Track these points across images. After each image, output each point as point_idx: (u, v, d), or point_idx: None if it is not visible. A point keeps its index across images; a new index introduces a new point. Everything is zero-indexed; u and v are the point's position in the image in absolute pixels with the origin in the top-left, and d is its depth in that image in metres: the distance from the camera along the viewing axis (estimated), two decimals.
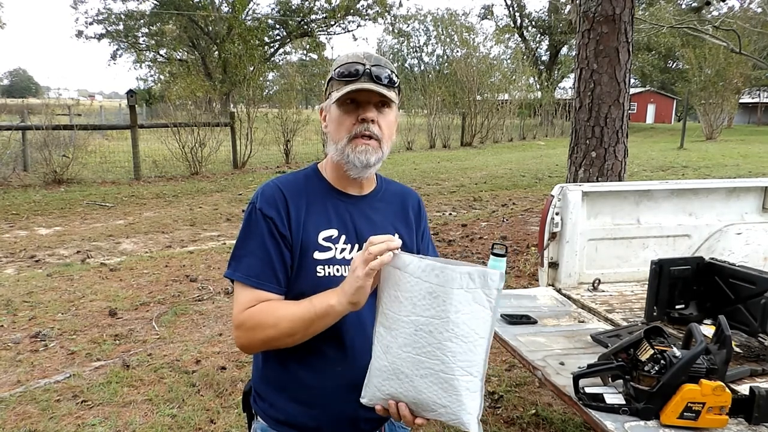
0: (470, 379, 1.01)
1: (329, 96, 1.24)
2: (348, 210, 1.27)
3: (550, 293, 2.78)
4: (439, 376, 1.00)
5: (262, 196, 1.25)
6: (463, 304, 0.99)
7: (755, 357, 1.90)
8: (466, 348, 0.99)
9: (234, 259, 1.24)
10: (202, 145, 12.17)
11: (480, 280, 1.00)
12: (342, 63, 1.23)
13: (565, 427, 2.86)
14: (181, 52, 30.35)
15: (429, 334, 1.00)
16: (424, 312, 1.00)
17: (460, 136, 21.35)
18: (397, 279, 1.04)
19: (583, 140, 4.87)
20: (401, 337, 1.02)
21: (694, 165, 14.95)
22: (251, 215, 1.24)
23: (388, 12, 32.96)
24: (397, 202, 1.37)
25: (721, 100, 24.90)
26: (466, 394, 1.00)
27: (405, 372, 1.03)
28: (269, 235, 1.21)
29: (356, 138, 1.20)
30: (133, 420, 2.87)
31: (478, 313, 1.00)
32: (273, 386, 1.29)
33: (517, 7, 40.74)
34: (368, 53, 1.24)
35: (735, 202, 3.17)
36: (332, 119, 1.24)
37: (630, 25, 4.68)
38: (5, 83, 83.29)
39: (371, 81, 1.18)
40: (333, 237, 1.24)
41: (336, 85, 1.22)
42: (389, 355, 1.04)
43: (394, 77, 1.22)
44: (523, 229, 7.31)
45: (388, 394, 1.06)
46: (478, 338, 1.00)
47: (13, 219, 7.58)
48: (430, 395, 1.01)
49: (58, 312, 4.28)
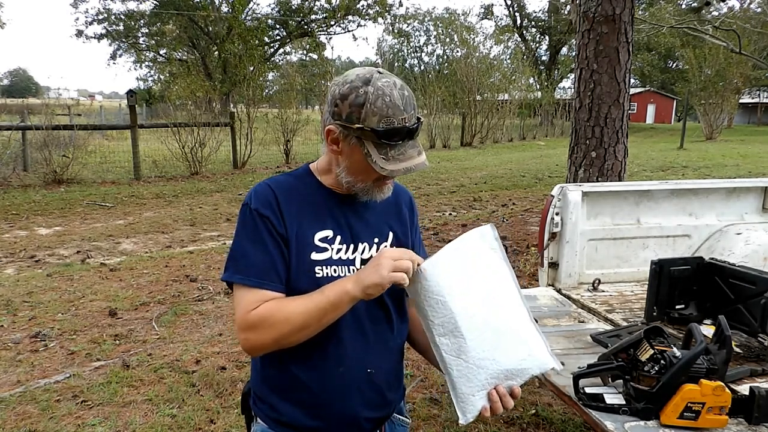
0: (527, 324, 1.11)
1: (360, 142, 1.14)
2: (342, 211, 1.26)
3: (550, 293, 2.78)
4: (511, 333, 1.09)
5: (255, 196, 1.22)
6: (485, 262, 1.09)
7: (755, 357, 1.90)
8: (510, 297, 1.09)
9: (231, 261, 1.21)
10: (202, 145, 12.17)
11: (479, 238, 1.12)
12: (383, 116, 1.11)
13: (565, 427, 2.86)
14: (181, 52, 30.33)
15: (483, 302, 1.07)
16: (467, 286, 1.08)
17: (460, 136, 21.35)
18: (428, 288, 1.10)
19: (583, 140, 4.87)
20: (466, 327, 1.08)
21: (694, 165, 14.95)
22: (246, 216, 1.22)
23: (388, 12, 32.95)
24: (391, 200, 1.35)
25: (721, 100, 24.91)
26: (533, 339, 1.10)
27: (485, 356, 1.09)
28: (267, 234, 1.19)
29: (382, 181, 1.22)
30: (133, 420, 2.87)
31: (496, 266, 1.10)
32: (273, 388, 1.27)
33: (517, 7, 40.74)
34: (402, 92, 1.14)
35: (735, 202, 3.17)
36: (356, 161, 1.18)
37: (630, 25, 4.68)
38: (5, 83, 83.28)
39: (411, 138, 1.16)
40: (329, 238, 1.22)
41: (373, 138, 1.13)
42: (465, 354, 1.09)
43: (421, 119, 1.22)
44: (523, 229, 7.31)
45: (482, 391, 1.11)
46: (510, 287, 1.11)
47: (13, 219, 7.58)
48: (513, 357, 1.10)
49: (58, 312, 4.28)
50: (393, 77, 1.17)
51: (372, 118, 1.11)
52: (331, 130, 1.18)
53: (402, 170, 1.14)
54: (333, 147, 1.20)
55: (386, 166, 1.14)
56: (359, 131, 1.13)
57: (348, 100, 1.13)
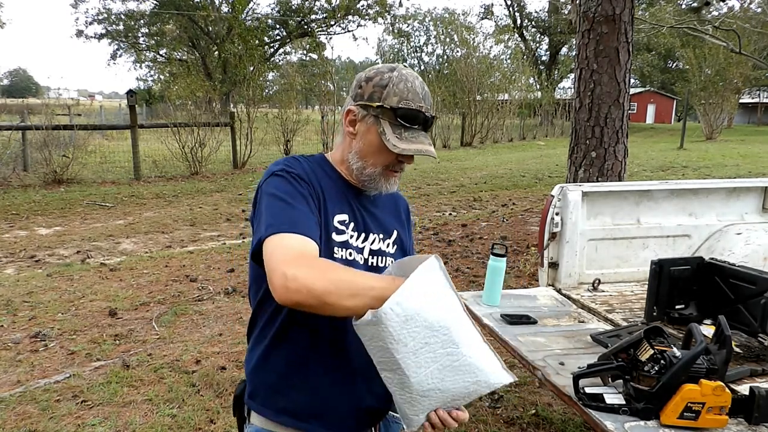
0: (476, 348, 1.07)
1: (377, 120, 1.20)
2: (357, 201, 1.28)
3: (550, 293, 2.78)
4: (455, 368, 1.05)
5: (287, 164, 1.20)
6: (430, 304, 1.02)
7: (755, 357, 1.90)
8: (457, 330, 1.04)
9: (268, 223, 1.08)
10: (202, 145, 12.17)
11: (428, 273, 1.04)
12: (403, 98, 1.19)
13: (565, 427, 2.86)
14: (181, 52, 30.34)
15: (426, 346, 1.03)
16: (411, 338, 1.02)
17: (460, 136, 21.35)
18: (371, 335, 1.05)
19: (583, 140, 4.87)
20: (408, 369, 1.05)
21: (694, 165, 14.95)
22: (282, 179, 1.16)
23: (388, 12, 32.95)
24: (391, 203, 1.40)
25: (721, 100, 24.90)
26: (481, 358, 1.07)
27: (430, 388, 1.06)
28: (309, 195, 1.15)
29: (390, 171, 1.25)
30: (133, 420, 2.87)
31: (444, 297, 1.05)
32: (272, 377, 1.24)
33: (517, 7, 40.74)
34: (423, 86, 1.23)
35: (735, 202, 3.17)
36: (370, 142, 1.22)
37: (630, 25, 4.68)
38: (5, 83, 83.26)
39: (425, 129, 1.23)
40: (345, 221, 1.23)
41: (391, 118, 1.19)
42: (409, 388, 1.07)
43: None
44: (523, 229, 7.31)
45: (425, 412, 1.10)
46: (459, 316, 1.06)
47: (13, 219, 7.58)
48: (460, 385, 1.07)
49: (58, 312, 4.28)
50: (415, 73, 1.24)
51: (393, 98, 1.19)
52: (351, 110, 1.24)
53: (413, 150, 1.19)
54: (350, 129, 1.25)
55: (399, 144, 1.18)
56: (379, 110, 1.19)
57: (372, 81, 1.21)
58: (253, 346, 1.28)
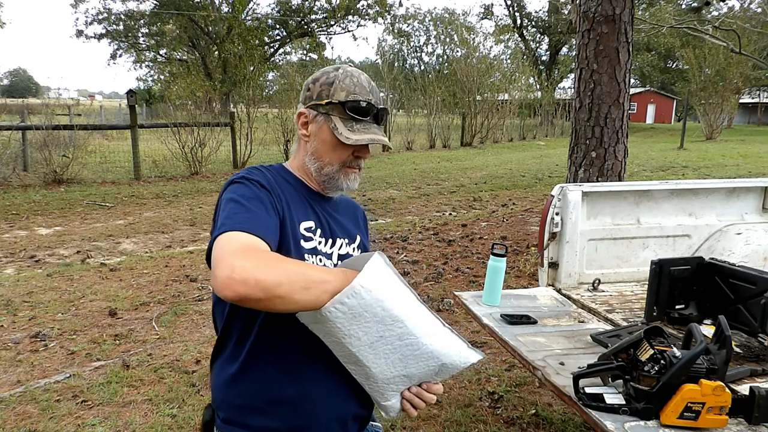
0: (437, 335, 1.08)
1: (328, 117, 1.22)
2: (321, 207, 1.28)
3: (550, 293, 2.78)
4: (417, 356, 1.07)
5: (250, 174, 1.17)
6: (381, 300, 1.01)
7: (755, 357, 1.90)
8: (413, 321, 1.05)
9: (231, 217, 1.05)
10: (202, 145, 12.17)
11: (374, 271, 1.02)
12: (350, 93, 1.21)
13: (565, 427, 2.86)
14: (181, 52, 30.35)
15: (382, 338, 1.04)
16: (364, 332, 1.02)
17: (460, 136, 21.35)
18: (323, 332, 1.06)
19: (583, 140, 4.87)
20: (368, 361, 1.06)
21: (694, 165, 14.95)
22: (242, 185, 1.13)
23: (388, 12, 32.96)
24: (351, 209, 1.41)
25: (721, 100, 24.90)
26: (445, 345, 1.08)
27: (395, 377, 1.09)
28: (268, 202, 1.12)
29: (348, 168, 1.25)
30: (133, 420, 2.87)
31: (394, 292, 1.04)
32: (250, 393, 1.18)
33: (516, 6, 40.74)
34: (369, 81, 1.26)
35: (735, 202, 3.17)
36: (323, 140, 1.23)
37: (630, 25, 4.68)
38: (5, 83, 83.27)
39: (376, 123, 1.25)
40: (312, 228, 1.23)
41: (340, 113, 1.21)
42: (372, 379, 1.10)
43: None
44: (523, 229, 7.31)
45: (398, 395, 1.13)
46: (412, 307, 1.06)
47: (13, 219, 7.58)
48: (425, 370, 1.09)
49: (58, 312, 4.28)
50: (360, 70, 1.27)
51: (340, 93, 1.21)
52: (302, 113, 1.26)
53: (366, 140, 1.20)
54: (303, 132, 1.26)
55: (351, 136, 1.19)
56: (328, 106, 1.21)
57: (319, 81, 1.24)
58: (223, 367, 1.22)
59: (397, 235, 6.92)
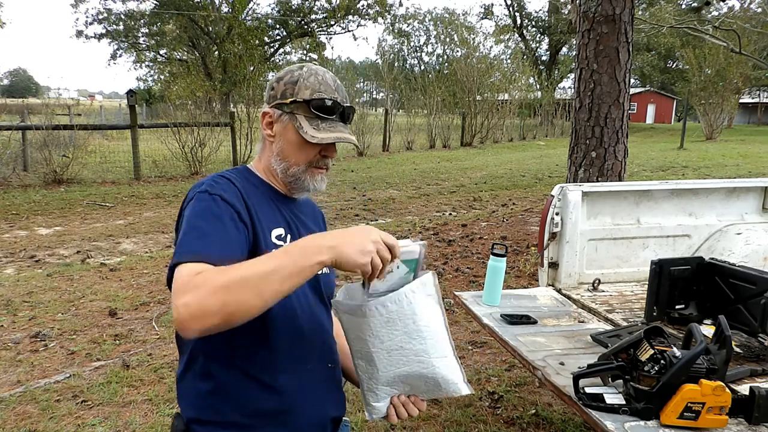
0: (446, 360, 1.13)
1: (293, 116, 1.18)
2: (288, 210, 1.25)
3: (550, 293, 2.78)
4: (423, 374, 1.12)
5: (215, 185, 1.11)
6: (417, 314, 1.08)
7: (755, 357, 1.90)
8: (433, 342, 1.10)
9: (183, 245, 1.01)
10: (202, 145, 12.16)
11: (421, 287, 1.09)
12: (315, 91, 1.18)
13: (565, 427, 2.86)
14: (181, 52, 30.35)
15: (401, 349, 1.09)
16: (389, 337, 1.08)
17: (460, 136, 21.35)
18: (353, 324, 1.11)
19: (583, 140, 4.87)
20: (379, 362, 1.11)
21: (694, 165, 14.95)
22: (205, 200, 1.07)
23: (388, 12, 32.97)
24: (311, 209, 1.39)
25: (721, 100, 24.90)
26: (448, 371, 1.13)
27: (395, 383, 1.14)
28: (230, 219, 1.06)
29: (315, 168, 1.22)
30: (133, 420, 2.87)
31: (430, 311, 1.10)
32: (227, 405, 1.13)
33: (517, 6, 40.75)
34: (335, 79, 1.22)
35: (735, 202, 3.17)
36: (288, 140, 1.20)
37: (630, 25, 4.68)
38: (5, 83, 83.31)
39: (342, 121, 1.21)
40: (282, 235, 1.19)
41: (305, 112, 1.18)
42: (374, 380, 1.14)
43: (353, 110, 1.25)
44: (523, 229, 7.31)
45: (388, 399, 1.17)
46: (438, 328, 1.12)
47: (13, 219, 7.58)
48: (422, 385, 1.15)
49: (58, 312, 4.28)
50: (325, 68, 1.24)
51: (305, 91, 1.18)
52: (266, 112, 1.23)
53: (333, 138, 1.17)
54: (268, 132, 1.23)
55: (317, 134, 1.16)
56: (292, 105, 1.18)
57: (283, 80, 1.21)
58: (195, 383, 1.16)
59: (397, 235, 6.92)
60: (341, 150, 16.14)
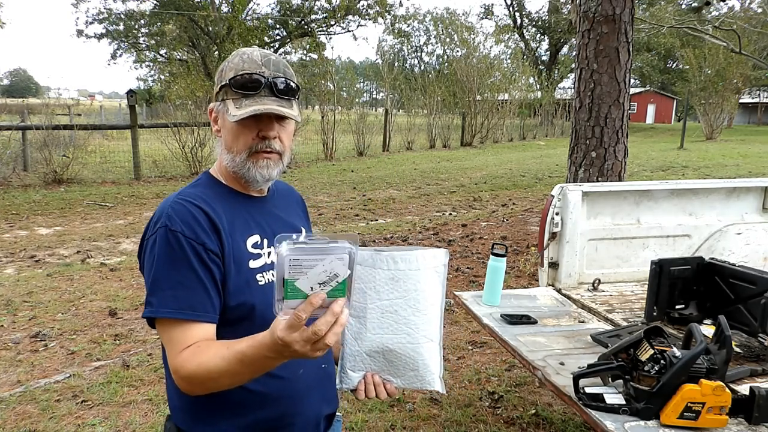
0: (432, 345, 1.13)
1: (224, 103, 1.14)
2: (260, 213, 1.21)
3: (550, 293, 2.78)
4: (406, 347, 1.11)
5: (174, 216, 1.08)
6: (421, 282, 1.10)
7: (755, 357, 1.90)
8: (426, 319, 1.11)
9: (154, 295, 1.05)
10: (202, 145, 12.16)
11: (432, 259, 1.12)
12: (239, 70, 1.12)
13: (565, 427, 2.86)
14: (181, 52, 30.32)
15: (394, 313, 1.10)
16: (387, 296, 1.09)
17: (460, 136, 21.36)
18: (359, 273, 1.09)
19: (583, 140, 4.87)
20: (370, 322, 1.10)
21: (694, 165, 14.95)
22: (168, 240, 1.06)
23: (388, 12, 32.94)
24: (291, 197, 1.36)
25: (721, 100, 24.90)
26: (430, 357, 1.13)
27: (377, 351, 1.13)
28: (196, 259, 1.06)
29: (257, 153, 1.14)
30: (133, 420, 2.87)
31: (433, 287, 1.13)
32: (221, 408, 1.13)
33: (517, 6, 40.76)
34: (266, 56, 1.15)
35: (735, 202, 3.17)
36: (228, 129, 1.15)
37: (630, 25, 4.68)
38: (5, 83, 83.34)
39: (273, 95, 1.12)
40: (258, 243, 1.16)
41: (231, 94, 1.12)
42: (360, 341, 1.13)
43: (294, 84, 1.15)
44: (523, 229, 7.31)
45: (363, 373, 1.15)
46: (435, 309, 1.13)
47: (13, 219, 7.58)
48: (400, 365, 1.13)
49: (58, 312, 4.28)
50: (263, 50, 1.18)
51: (228, 73, 1.13)
52: (210, 109, 1.20)
53: (250, 111, 1.09)
54: (215, 127, 1.20)
55: (236, 112, 1.10)
56: (221, 92, 1.15)
57: (218, 70, 1.18)
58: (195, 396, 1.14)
59: (397, 235, 6.92)
60: (341, 150, 16.14)
